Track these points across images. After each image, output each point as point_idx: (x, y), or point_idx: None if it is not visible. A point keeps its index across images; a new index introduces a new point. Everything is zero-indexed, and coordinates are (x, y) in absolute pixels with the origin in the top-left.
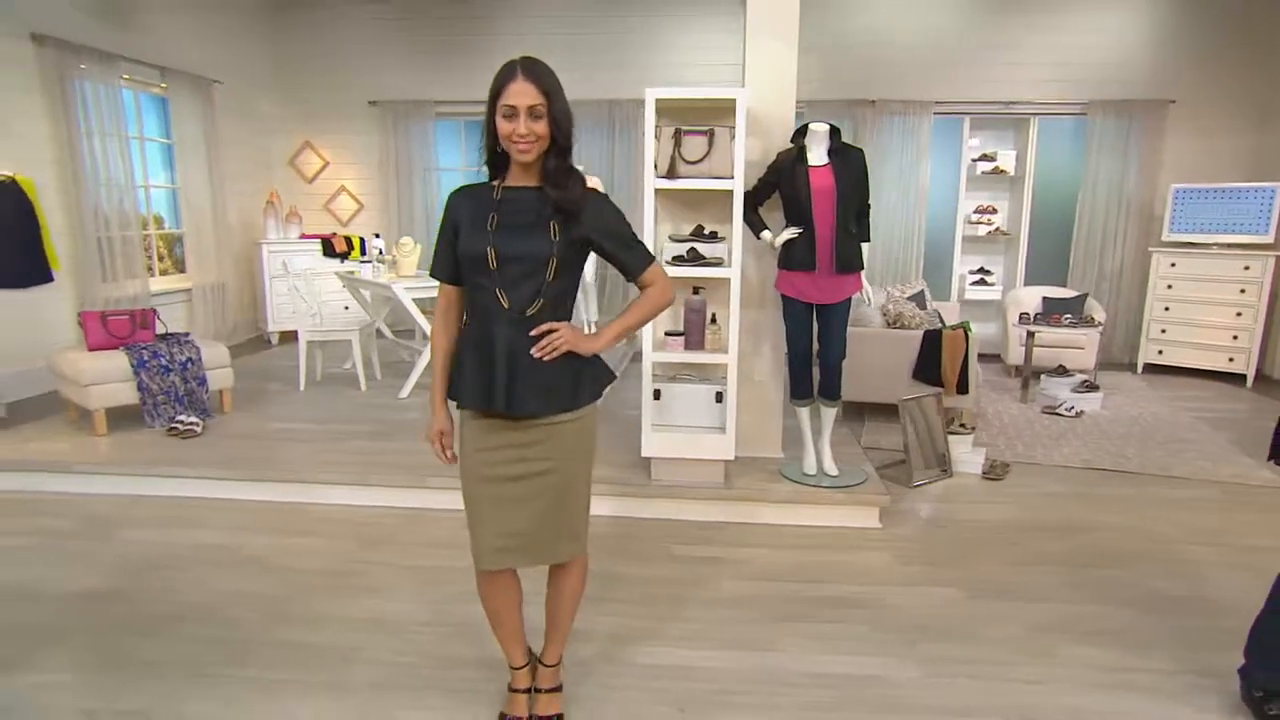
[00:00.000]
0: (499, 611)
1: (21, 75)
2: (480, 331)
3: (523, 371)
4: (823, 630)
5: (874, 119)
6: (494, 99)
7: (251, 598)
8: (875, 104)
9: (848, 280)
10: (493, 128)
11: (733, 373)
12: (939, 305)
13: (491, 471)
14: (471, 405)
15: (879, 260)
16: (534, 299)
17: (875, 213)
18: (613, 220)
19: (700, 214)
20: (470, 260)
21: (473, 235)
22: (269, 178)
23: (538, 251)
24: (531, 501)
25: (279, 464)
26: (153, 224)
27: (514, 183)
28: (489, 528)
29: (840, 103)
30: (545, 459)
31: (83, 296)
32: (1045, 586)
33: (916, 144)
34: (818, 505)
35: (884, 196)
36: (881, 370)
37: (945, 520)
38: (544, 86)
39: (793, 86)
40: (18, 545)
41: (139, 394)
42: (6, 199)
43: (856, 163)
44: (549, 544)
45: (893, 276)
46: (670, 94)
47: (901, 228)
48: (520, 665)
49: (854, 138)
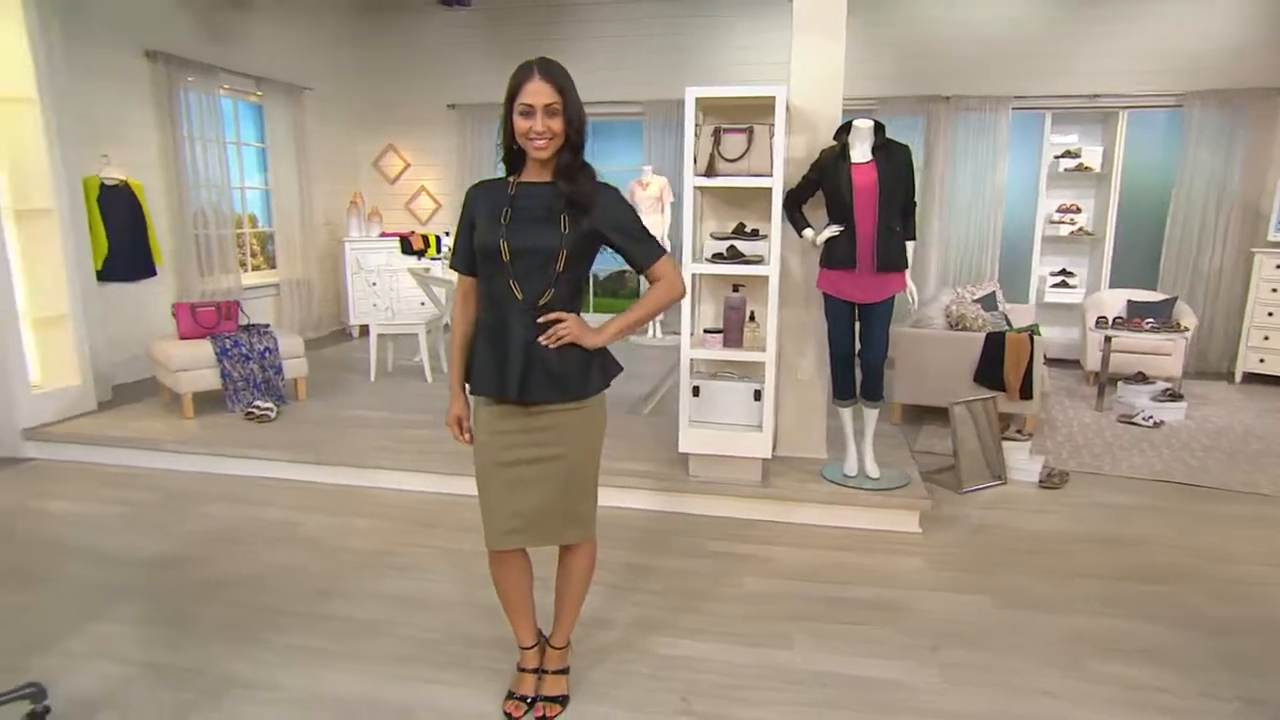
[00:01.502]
0: (508, 591)
1: (136, 88)
2: (495, 322)
3: (535, 361)
4: (842, 631)
5: (948, 116)
6: (511, 98)
7: (300, 572)
8: (950, 100)
9: (890, 279)
10: (510, 125)
11: (770, 371)
12: (1015, 308)
13: (502, 456)
14: (485, 393)
15: (952, 261)
16: (545, 290)
17: (948, 212)
18: (622, 214)
19: (744, 212)
20: (484, 253)
21: (487, 229)
22: (355, 179)
23: (548, 244)
24: (539, 485)
25: (341, 449)
26: (247, 223)
27: (529, 178)
28: (499, 509)
29: (912, 99)
30: (554, 445)
31: (182, 289)
32: (1083, 600)
33: (993, 141)
34: (855, 507)
35: (958, 196)
36: (941, 373)
37: (989, 528)
38: (559, 85)
39: (839, 82)
40: (112, 513)
41: (222, 380)
42: (120, 201)
43: (901, 159)
44: (556, 527)
45: (966, 277)
46: (710, 93)
47: (976, 228)
48: (529, 645)
49: (927, 135)
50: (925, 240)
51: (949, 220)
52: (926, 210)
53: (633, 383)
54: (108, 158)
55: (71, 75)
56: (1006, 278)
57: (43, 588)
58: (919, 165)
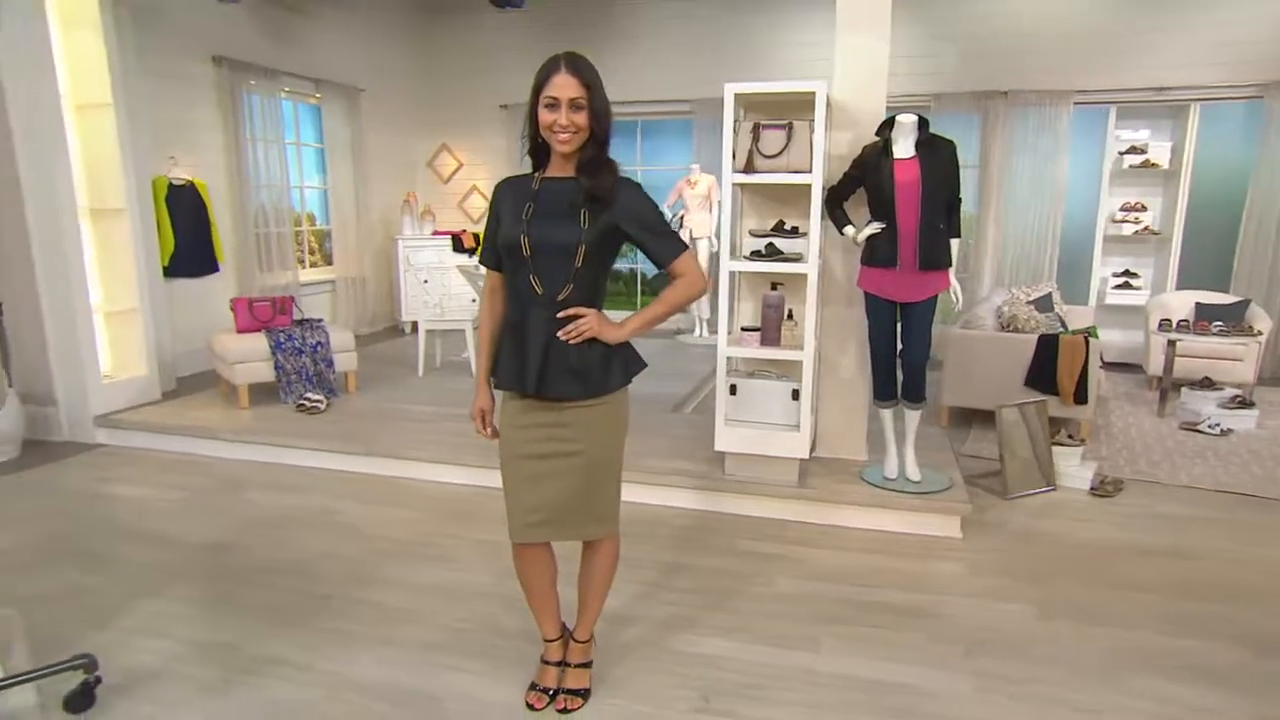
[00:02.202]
0: (531, 584)
1: (202, 92)
2: (517, 316)
3: (555, 355)
4: (872, 635)
5: (1006, 111)
6: (537, 91)
7: (339, 559)
8: (1008, 95)
9: (933, 278)
10: (535, 119)
11: (808, 370)
12: (1073, 309)
13: (524, 449)
14: (506, 387)
15: (1008, 261)
16: (565, 285)
17: (1004, 212)
18: (643, 209)
19: (785, 209)
20: (507, 248)
21: (510, 224)
22: (411, 178)
23: (567, 239)
24: (561, 479)
25: (384, 441)
26: (305, 221)
27: (553, 174)
28: (520, 502)
29: (968, 95)
30: (575, 440)
31: (243, 285)
32: (1131, 613)
33: (1054, 137)
34: (894, 510)
35: (1015, 195)
36: (991, 375)
37: (1035, 535)
38: (586, 80)
39: (883, 77)
40: (169, 498)
41: (275, 373)
42: (186, 200)
43: (945, 155)
44: (577, 522)
45: (1023, 278)
46: (749, 88)
47: (1034, 227)
48: (552, 638)
49: (983, 132)
50: (980, 240)
51: (1005, 220)
52: (982, 209)
53: (676, 381)
54: (175, 159)
55: (143, 81)
56: (1065, 279)
57: (104, 568)
58: (975, 163)
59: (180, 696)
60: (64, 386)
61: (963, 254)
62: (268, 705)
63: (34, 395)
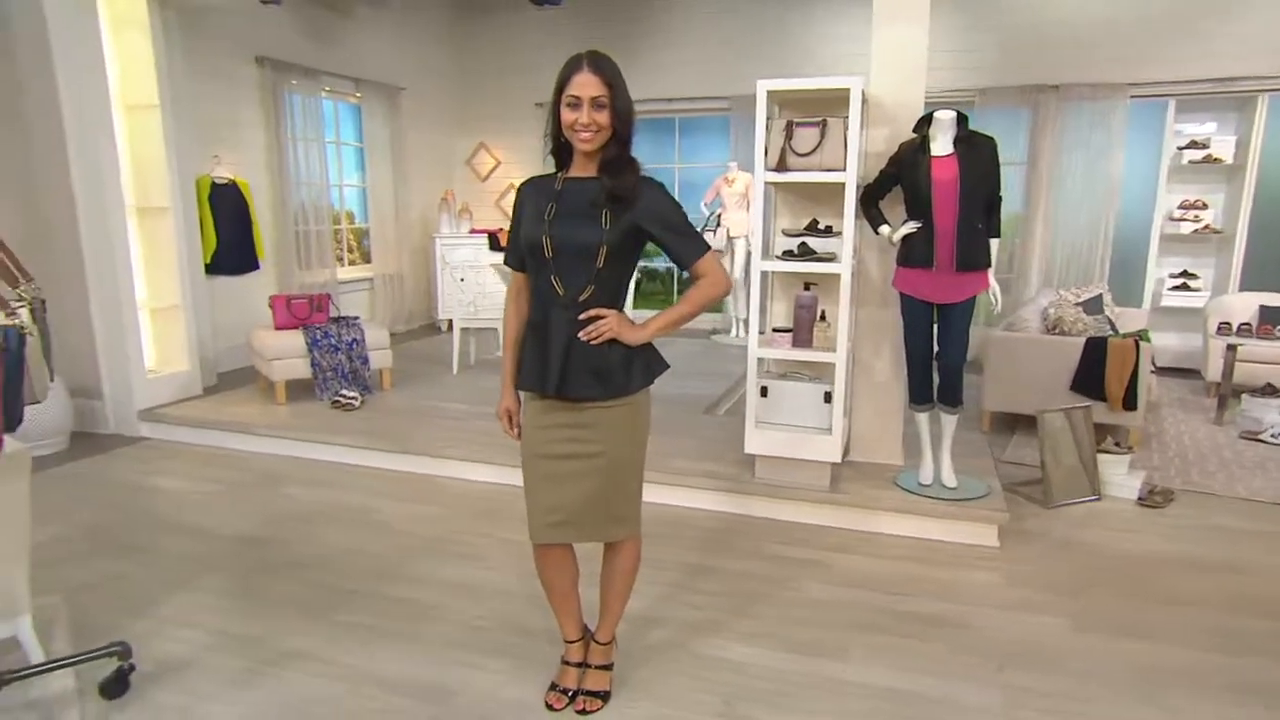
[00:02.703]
0: (552, 585)
1: (245, 91)
2: (539, 317)
3: (576, 356)
4: (901, 644)
5: (1057, 106)
6: (560, 89)
7: (367, 554)
8: (1059, 89)
9: (970, 279)
10: (558, 118)
11: (841, 373)
12: (1126, 312)
13: (545, 449)
14: (528, 388)
15: (1057, 261)
16: (586, 286)
17: (1054, 210)
18: (665, 208)
19: (819, 207)
20: (529, 248)
21: (532, 224)
22: (449, 176)
23: (589, 240)
24: (581, 480)
25: (415, 439)
26: (345, 219)
27: (576, 173)
28: (541, 503)
29: (1016, 89)
30: (596, 441)
31: (282, 283)
32: (1176, 629)
33: (1107, 132)
34: (929, 517)
35: (1066, 192)
36: (1035, 380)
37: (1076, 545)
38: (608, 79)
39: (922, 72)
40: (206, 491)
41: (311, 369)
42: (228, 198)
43: (985, 152)
44: (599, 523)
45: (1073, 279)
46: (782, 85)
47: (1086, 225)
48: (573, 639)
49: (1032, 128)
50: (1027, 240)
51: (1055, 218)
52: (1030, 208)
53: (709, 382)
54: (219, 158)
55: (189, 81)
56: (1118, 280)
57: (143, 558)
58: (1022, 160)
59: (208, 687)
60: (110, 381)
61: (1008, 254)
62: (292, 698)
63: (82, 389)
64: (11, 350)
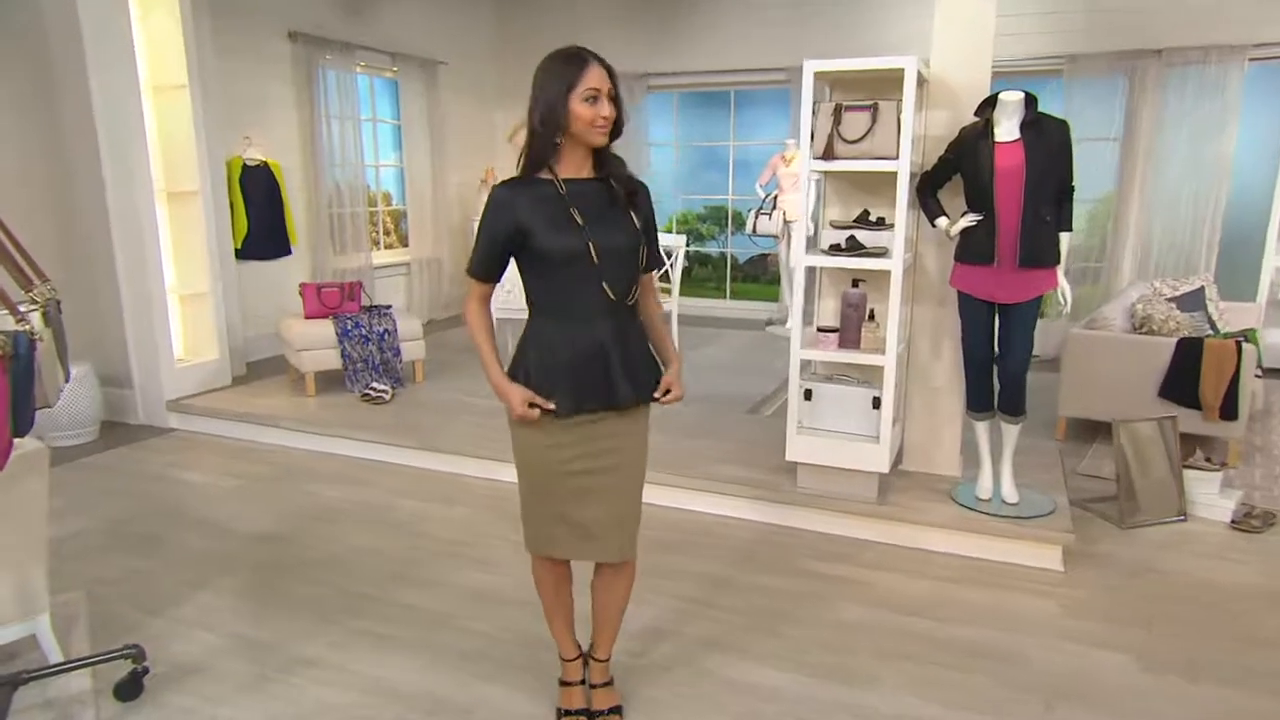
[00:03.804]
0: (556, 597)
1: (278, 69)
2: (578, 330)
3: (629, 361)
4: (940, 675)
5: (1158, 74)
6: (569, 88)
7: (384, 556)
8: (1161, 54)
9: (1035, 276)
10: (559, 119)
11: (890, 377)
12: (1234, 307)
13: (570, 466)
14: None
15: (1155, 250)
16: (631, 288)
17: (1151, 192)
18: (652, 211)
19: (872, 197)
20: (565, 258)
21: (559, 232)
22: (490, 154)
23: (631, 241)
24: (608, 495)
25: (442, 436)
26: (381, 201)
27: (570, 175)
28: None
29: (1110, 56)
30: (616, 451)
31: (316, 268)
32: (1262, 675)
33: (1220, 102)
34: (985, 536)
35: (1167, 172)
36: (1118, 384)
37: (1152, 572)
38: (612, 70)
39: (989, 47)
40: (229, 486)
41: (341, 360)
42: (260, 181)
43: (1056, 137)
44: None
45: (1172, 268)
46: (831, 65)
47: (1189, 209)
48: (572, 657)
49: (1129, 100)
50: (1119, 225)
51: (1153, 201)
52: (1123, 188)
53: (757, 379)
54: (249, 139)
55: (218, 59)
56: (1226, 270)
57: (164, 553)
58: (1116, 135)
59: (220, 692)
60: (139, 370)
61: (1099, 240)
62: (302, 707)
63: (113, 378)
64: (21, 356)
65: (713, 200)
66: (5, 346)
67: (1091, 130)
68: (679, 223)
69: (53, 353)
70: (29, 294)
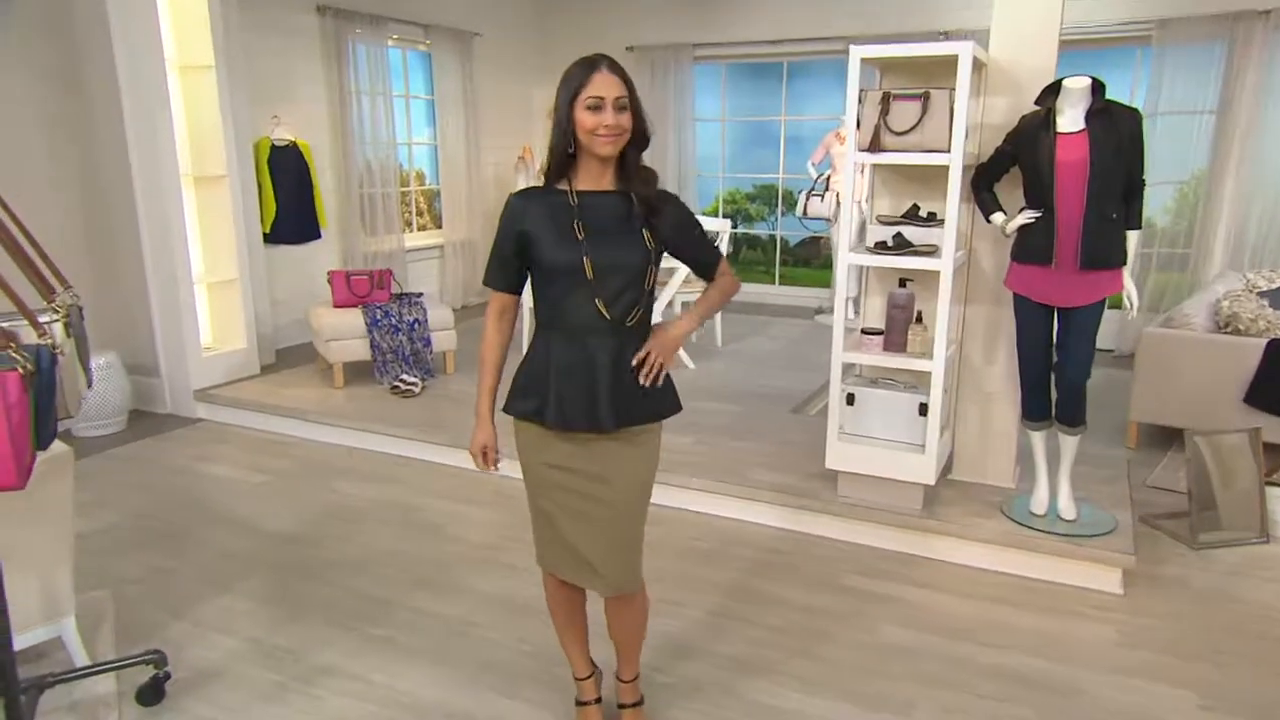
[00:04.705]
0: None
1: (307, 44)
2: (570, 345)
3: (624, 385)
4: (979, 707)
5: (1264, 38)
6: (574, 95)
7: (407, 559)
8: (1269, 15)
9: (1098, 278)
10: (565, 127)
11: (937, 383)
12: None
13: (564, 482)
14: (572, 428)
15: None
16: (633, 309)
17: (1251, 172)
18: (688, 219)
19: (925, 190)
20: (561, 272)
21: (560, 245)
22: (527, 130)
23: (634, 260)
24: (602, 524)
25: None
26: (414, 180)
27: (587, 187)
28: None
29: (1208, 19)
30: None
31: (346, 251)
32: None
33: None
34: (1038, 554)
35: (1266, 148)
36: (1198, 389)
37: (1222, 599)
38: (626, 79)
39: (1055, 28)
40: (253, 481)
41: (370, 351)
42: (289, 161)
43: (1125, 128)
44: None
45: (1271, 257)
46: (878, 52)
47: None
48: (584, 676)
49: (1227, 68)
50: (1211, 209)
51: (1250, 182)
52: (1216, 168)
53: (804, 374)
54: (278, 118)
55: (245, 36)
56: None
57: (187, 552)
58: (1211, 107)
59: (238, 700)
60: (167, 359)
61: (1186, 224)
62: (320, 718)
63: (140, 366)
64: (43, 370)
65: (762, 179)
66: (27, 363)
67: (1182, 103)
68: (726, 202)
69: (74, 361)
70: (51, 303)
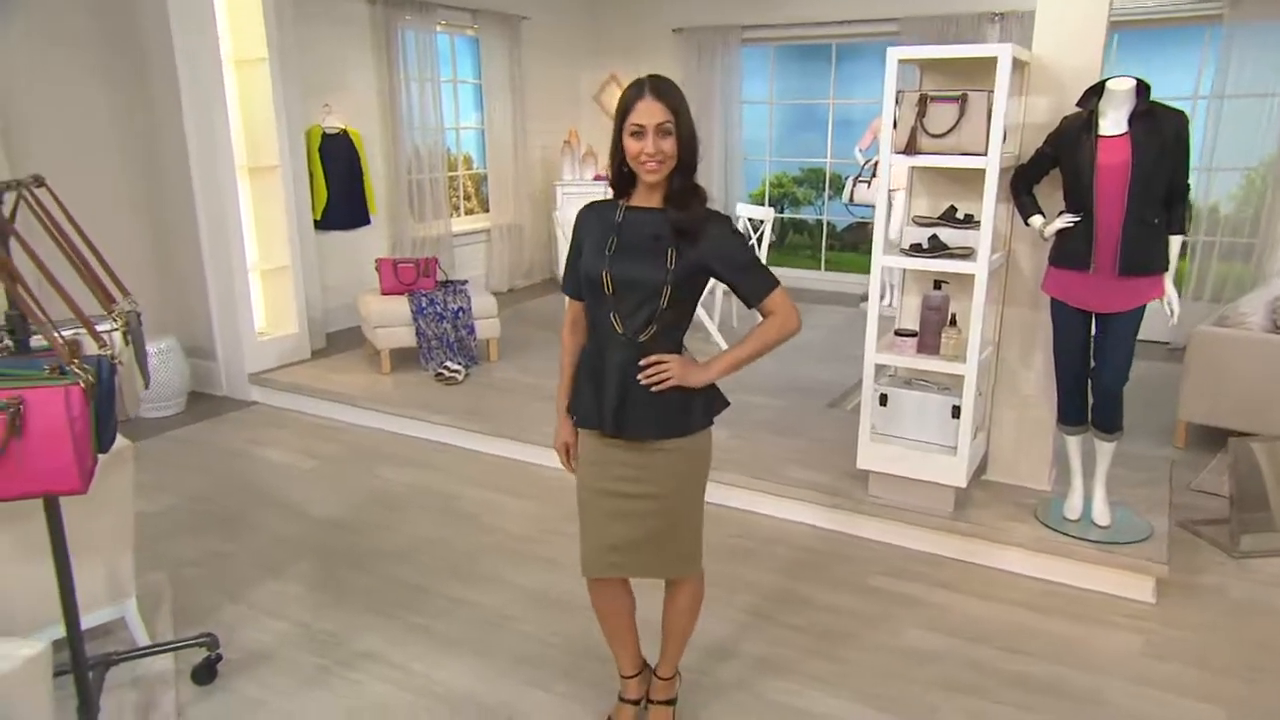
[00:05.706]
0: (607, 618)
1: (356, 32)
2: (595, 352)
3: (633, 396)
4: (998, 713)
5: None
6: (622, 117)
7: (447, 548)
8: None
9: (1138, 284)
10: (620, 146)
11: (970, 386)
12: None
13: (601, 485)
14: (584, 424)
15: None
16: (647, 325)
17: None
18: (733, 246)
19: (963, 191)
20: (588, 282)
21: (592, 256)
22: (574, 114)
23: (652, 278)
24: (639, 520)
25: (512, 421)
26: (462, 164)
27: (638, 203)
28: (596, 537)
29: None
30: (654, 482)
31: (395, 237)
32: None
33: None
34: (1069, 559)
35: None
36: (1251, 389)
37: (1261, 611)
38: (672, 104)
39: (1101, 25)
40: (304, 467)
41: (416, 338)
42: (339, 149)
43: (1169, 131)
44: (656, 563)
45: None
46: (915, 53)
47: None
48: (629, 674)
49: None
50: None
51: None
52: None
53: (843, 367)
54: (329, 107)
55: (297, 27)
56: None
57: (241, 535)
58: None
59: (285, 684)
60: (223, 343)
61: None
62: (360, 704)
63: (198, 349)
64: (103, 381)
65: (810, 162)
66: (89, 375)
67: (1251, 85)
68: (772, 186)
69: (132, 366)
70: (110, 312)
